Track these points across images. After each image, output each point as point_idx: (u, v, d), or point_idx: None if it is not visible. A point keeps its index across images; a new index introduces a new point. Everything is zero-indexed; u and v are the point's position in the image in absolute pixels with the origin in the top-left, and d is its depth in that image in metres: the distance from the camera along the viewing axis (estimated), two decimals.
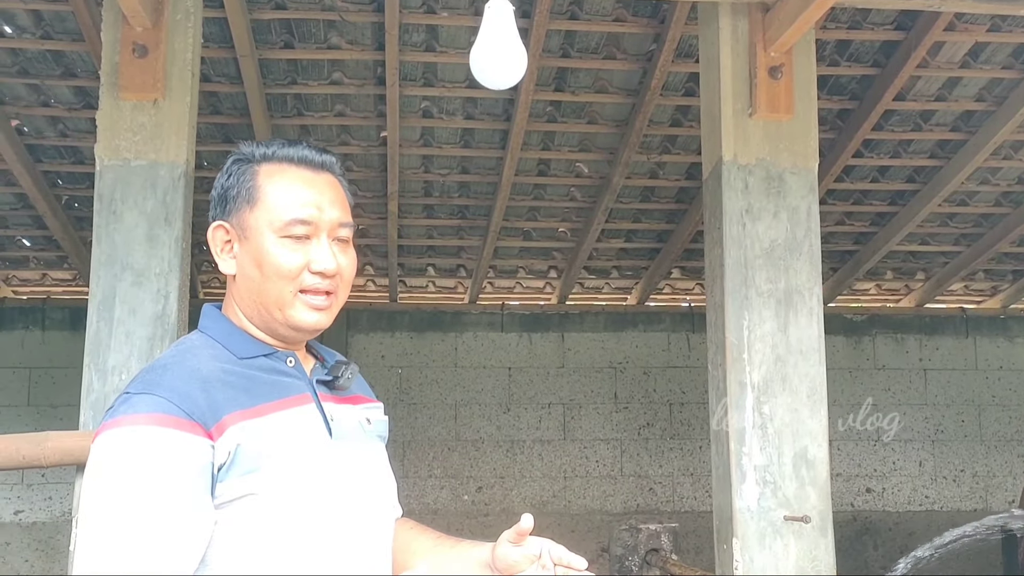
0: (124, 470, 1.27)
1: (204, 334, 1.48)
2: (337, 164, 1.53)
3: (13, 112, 5.37)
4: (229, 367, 1.41)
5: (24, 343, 7.14)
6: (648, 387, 7.60)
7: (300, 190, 1.46)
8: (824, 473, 3.52)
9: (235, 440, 1.33)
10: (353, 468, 1.46)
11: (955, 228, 6.80)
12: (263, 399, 1.40)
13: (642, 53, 5.15)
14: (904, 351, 7.78)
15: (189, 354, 1.42)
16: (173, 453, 1.28)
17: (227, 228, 1.48)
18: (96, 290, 3.42)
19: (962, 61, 5.11)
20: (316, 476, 1.39)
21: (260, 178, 1.47)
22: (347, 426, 1.49)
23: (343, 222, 1.48)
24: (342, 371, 1.52)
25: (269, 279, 1.44)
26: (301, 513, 1.36)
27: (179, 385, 1.34)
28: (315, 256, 1.44)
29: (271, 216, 1.44)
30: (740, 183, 3.66)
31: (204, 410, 1.32)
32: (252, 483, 1.33)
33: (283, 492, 1.35)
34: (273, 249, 1.43)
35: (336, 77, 5.25)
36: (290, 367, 1.49)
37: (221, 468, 1.32)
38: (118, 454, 1.28)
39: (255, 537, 1.34)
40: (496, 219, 6.37)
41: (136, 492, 1.26)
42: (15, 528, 7.03)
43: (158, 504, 1.26)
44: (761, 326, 3.58)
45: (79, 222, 6.36)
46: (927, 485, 7.68)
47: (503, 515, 7.27)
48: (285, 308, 1.44)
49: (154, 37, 3.54)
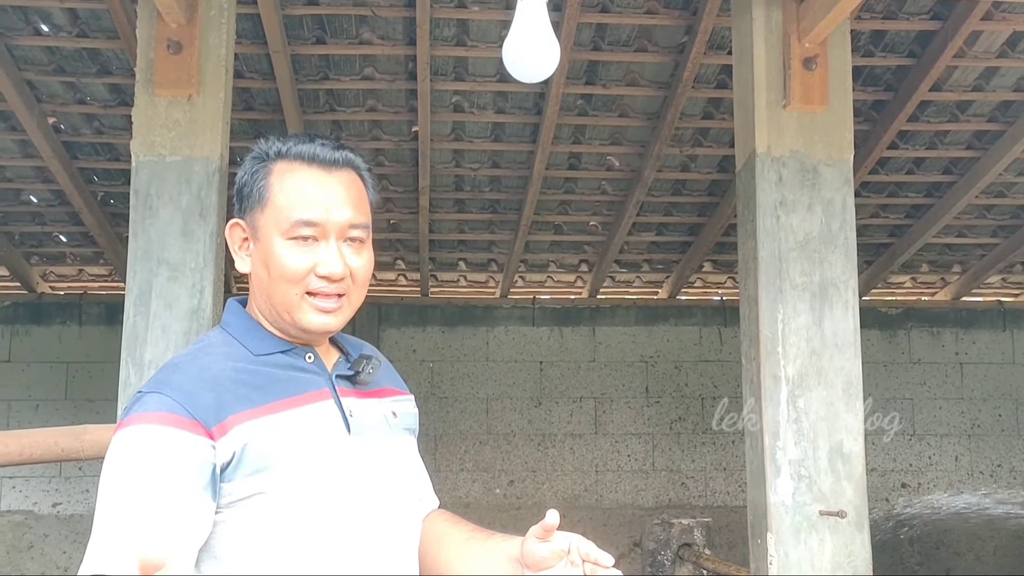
0: (125, 466, 1.31)
1: (224, 331, 1.48)
2: (356, 159, 1.49)
3: (50, 109, 5.44)
4: (243, 365, 1.41)
5: (61, 338, 7.24)
6: (680, 381, 7.57)
7: (308, 190, 1.43)
8: (860, 467, 3.49)
9: (241, 440, 1.34)
10: (372, 463, 1.45)
11: (992, 220, 6.71)
12: (276, 396, 1.39)
13: (674, 45, 5.12)
14: (940, 345, 7.69)
15: (202, 353, 1.43)
16: (171, 450, 1.31)
17: (243, 226, 1.48)
18: (132, 285, 3.46)
19: (1000, 51, 5.04)
20: (328, 472, 1.38)
21: (272, 177, 1.45)
22: (368, 420, 1.48)
23: (355, 223, 1.44)
24: (363, 366, 1.50)
25: (275, 281, 1.42)
26: (312, 510, 1.36)
27: (186, 385, 1.35)
28: (321, 259, 1.42)
29: (278, 217, 1.42)
30: (774, 175, 3.64)
31: (208, 410, 1.33)
32: (261, 482, 1.34)
33: (293, 489, 1.35)
34: (279, 251, 1.42)
35: (368, 72, 5.26)
36: (309, 363, 1.47)
37: (226, 468, 1.33)
38: (124, 451, 1.32)
39: (266, 534, 1.34)
40: (527, 213, 6.36)
41: (132, 485, 1.29)
42: (53, 520, 7.13)
43: (149, 495, 1.28)
44: (796, 319, 3.55)
45: (115, 218, 6.43)
46: (963, 480, 7.59)
47: (535, 509, 7.27)
48: (292, 311, 1.43)
49: (188, 34, 3.56)
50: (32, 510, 7.15)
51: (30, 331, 7.24)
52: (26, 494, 7.15)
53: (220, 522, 1.34)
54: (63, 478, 7.16)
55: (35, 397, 7.16)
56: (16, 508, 7.14)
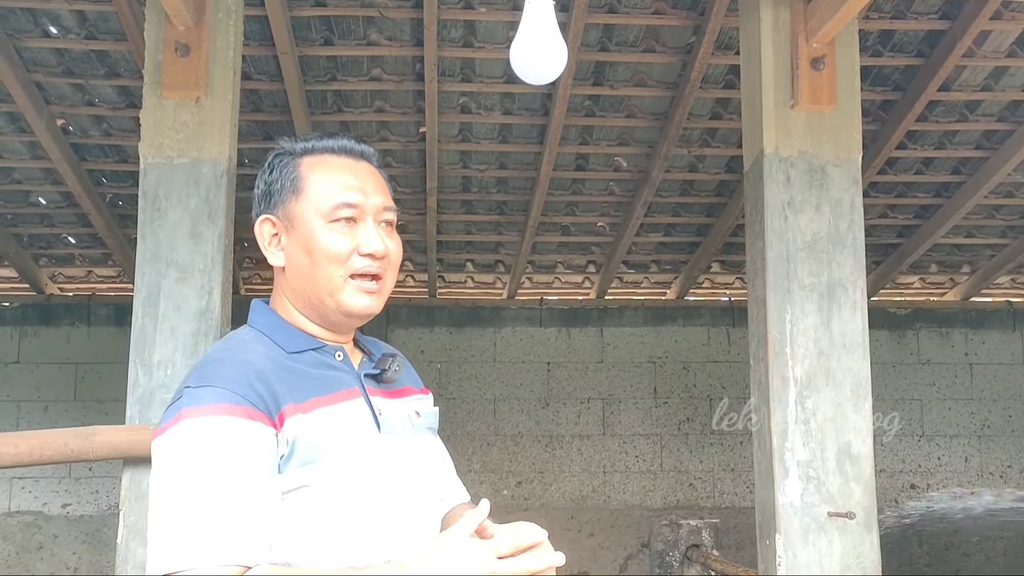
0: (195, 458, 1.29)
1: (254, 328, 1.50)
2: (375, 156, 1.57)
3: (59, 111, 5.45)
4: (280, 361, 1.43)
5: (70, 339, 7.26)
6: (688, 382, 7.56)
7: (344, 176, 1.49)
8: (868, 469, 3.48)
9: (294, 431, 1.36)
10: (400, 463, 1.47)
11: (1002, 220, 6.69)
12: (313, 393, 1.41)
13: (681, 46, 5.11)
14: (949, 345, 7.67)
15: (240, 348, 1.44)
16: (241, 438, 1.31)
17: (274, 221, 1.51)
18: (141, 286, 3.47)
19: (1009, 50, 5.02)
20: (366, 471, 1.40)
21: (303, 169, 1.50)
22: (395, 420, 1.51)
23: (387, 206, 1.51)
24: (389, 364, 1.53)
25: (319, 264, 1.46)
26: (350, 506, 1.37)
27: (237, 377, 1.36)
28: (363, 239, 1.47)
29: (318, 203, 1.47)
30: (782, 175, 3.63)
31: (266, 400, 1.35)
32: (308, 475, 1.35)
33: (335, 485, 1.37)
34: (322, 234, 1.46)
35: (375, 73, 5.27)
36: (338, 361, 1.50)
37: (283, 458, 1.35)
38: (187, 444, 1.31)
39: (306, 529, 1.36)
40: (534, 214, 6.36)
41: (207, 476, 1.28)
42: (63, 521, 7.16)
43: (229, 486, 1.28)
44: (804, 320, 3.54)
45: (123, 220, 6.44)
46: (973, 481, 7.57)
47: (542, 510, 7.27)
48: (336, 293, 1.46)
49: (196, 36, 3.57)
50: (42, 511, 7.17)
51: (39, 332, 7.26)
52: (36, 495, 7.17)
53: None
54: (73, 479, 7.18)
55: (44, 398, 7.19)
56: (26, 509, 7.16)
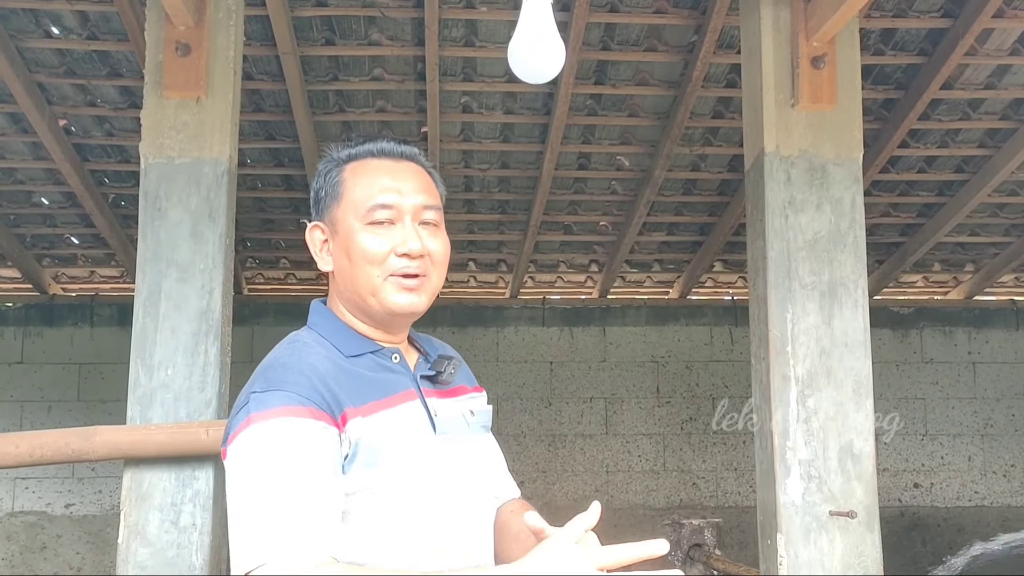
0: (267, 459, 1.32)
1: (313, 331, 1.53)
2: (421, 155, 1.59)
3: (61, 112, 5.46)
4: (339, 364, 1.46)
5: (73, 339, 7.27)
6: (691, 381, 7.55)
7: (380, 178, 1.52)
8: (870, 468, 3.48)
9: (357, 433, 1.39)
10: (456, 463, 1.49)
11: (1005, 218, 6.67)
12: (373, 397, 1.44)
13: (683, 45, 5.10)
14: (952, 344, 7.65)
15: (305, 351, 1.46)
16: (309, 437, 1.34)
17: (322, 228, 1.55)
18: (142, 286, 3.47)
19: (1012, 48, 5.00)
20: (423, 471, 1.43)
21: (346, 174, 1.54)
22: (450, 420, 1.53)
23: (428, 205, 1.53)
24: (445, 366, 1.56)
25: (358, 266, 1.48)
26: (411, 507, 1.40)
27: (303, 380, 1.39)
28: (400, 239, 1.48)
29: (356, 206, 1.50)
30: (783, 175, 3.62)
31: (330, 403, 1.38)
32: (371, 477, 1.38)
33: (396, 487, 1.39)
34: (359, 236, 1.48)
35: (377, 73, 5.27)
36: (395, 363, 1.53)
37: (346, 459, 1.38)
38: (259, 447, 1.34)
39: (369, 530, 1.38)
40: (537, 213, 6.36)
41: (280, 476, 1.31)
42: (66, 521, 7.17)
43: (300, 484, 1.31)
44: (805, 319, 3.54)
45: (126, 220, 6.45)
46: (976, 480, 7.56)
47: (545, 509, 7.22)
48: (377, 292, 1.49)
49: (197, 36, 3.57)
50: (45, 511, 7.18)
51: (42, 332, 7.27)
52: (39, 495, 7.19)
53: None
54: (76, 479, 7.19)
55: (47, 398, 7.20)
56: (29, 509, 7.17)
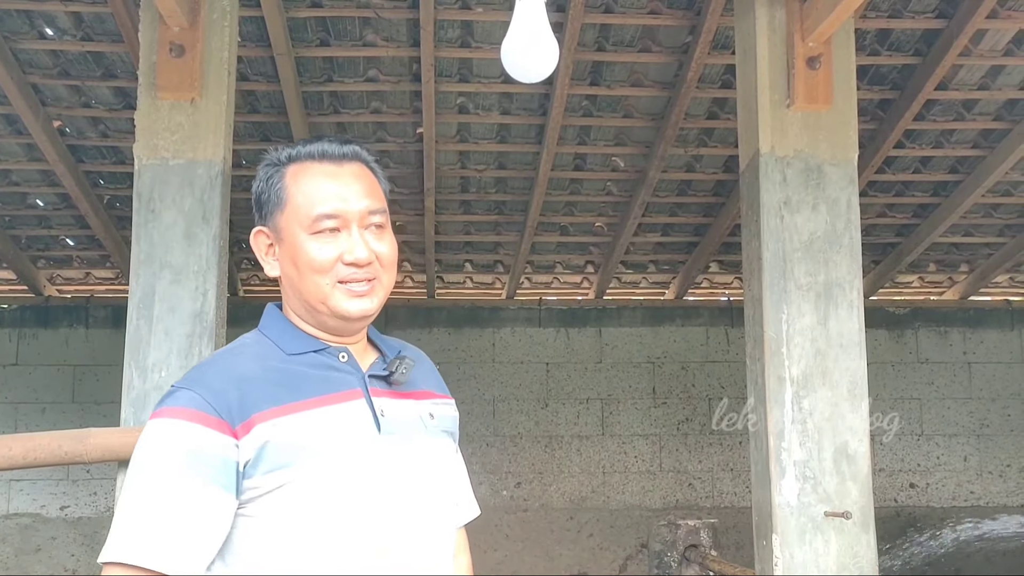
0: (151, 458, 1.38)
1: (260, 332, 1.54)
2: (363, 152, 1.55)
3: (55, 113, 5.45)
4: (274, 364, 1.46)
5: (68, 341, 7.26)
6: (687, 382, 7.55)
7: (324, 185, 1.49)
8: (865, 468, 3.47)
9: (263, 438, 1.38)
10: (402, 462, 1.47)
11: (999, 219, 6.68)
12: (306, 395, 1.43)
13: (678, 45, 5.10)
14: (948, 344, 7.66)
15: (233, 353, 1.49)
16: (195, 446, 1.36)
17: (266, 232, 1.53)
18: (135, 288, 3.45)
19: (1005, 49, 5.01)
20: (353, 469, 1.41)
21: (287, 179, 1.51)
22: (402, 421, 1.50)
23: (373, 209, 1.50)
24: (397, 366, 1.53)
25: (305, 275, 1.47)
26: (334, 505, 1.38)
27: (215, 383, 1.40)
28: (347, 247, 1.47)
29: (299, 215, 1.48)
30: (778, 175, 3.62)
31: (232, 409, 1.38)
32: (282, 477, 1.37)
33: (315, 484, 1.38)
34: (305, 246, 1.47)
35: (372, 74, 5.26)
36: (342, 362, 1.51)
37: (247, 465, 1.37)
38: (151, 443, 1.39)
39: (285, 529, 1.37)
40: (533, 214, 6.35)
41: (155, 478, 1.35)
42: (61, 523, 7.15)
43: (169, 490, 1.34)
44: (800, 320, 3.53)
45: (120, 221, 6.44)
46: (972, 480, 7.56)
47: (542, 511, 7.27)
48: (327, 300, 1.48)
49: (191, 37, 3.56)
50: (40, 513, 7.16)
51: (37, 334, 7.26)
52: (33, 497, 7.17)
53: (241, 516, 1.38)
54: (70, 481, 7.17)
55: (42, 400, 7.18)
56: (24, 511, 7.16)
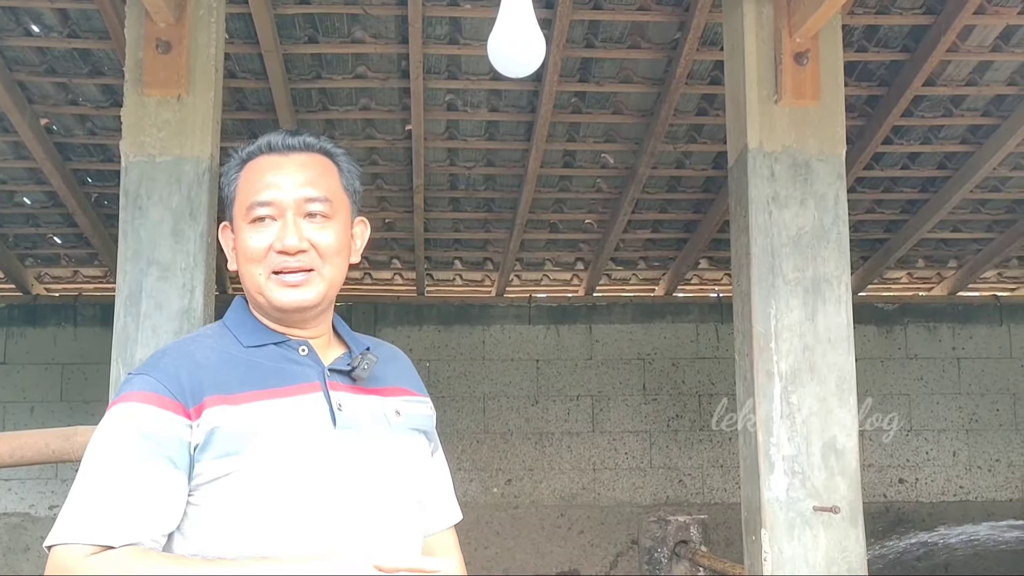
0: (106, 441, 1.40)
1: (222, 324, 1.55)
2: (319, 142, 1.54)
3: (42, 111, 5.42)
4: (230, 354, 1.47)
5: (56, 340, 7.23)
6: (677, 378, 7.56)
7: (264, 175, 1.50)
8: (854, 463, 3.48)
9: (213, 423, 1.39)
10: (359, 457, 1.46)
11: (987, 214, 6.70)
12: (259, 386, 1.44)
13: (667, 42, 5.10)
14: (937, 340, 7.68)
15: (191, 341, 1.51)
16: (150, 427, 1.38)
17: (229, 227, 1.56)
18: (123, 285, 3.45)
19: (993, 45, 5.02)
20: (303, 460, 1.41)
21: (241, 174, 1.53)
22: (362, 416, 1.49)
23: (311, 197, 1.49)
24: (359, 361, 1.52)
25: (243, 265, 1.50)
26: (281, 494, 1.39)
27: (170, 368, 1.42)
28: (278, 235, 1.47)
29: (240, 206, 1.51)
30: (766, 171, 3.62)
31: (187, 392, 1.40)
32: (230, 464, 1.39)
33: (262, 473, 1.39)
34: (242, 235, 1.49)
35: (360, 71, 5.25)
36: (302, 355, 1.50)
37: (197, 448, 1.39)
38: (106, 427, 1.41)
39: (231, 515, 1.39)
40: (522, 211, 6.35)
41: (108, 459, 1.38)
42: (49, 522, 7.00)
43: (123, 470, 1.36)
44: (788, 315, 3.54)
45: (108, 219, 6.41)
46: (961, 475, 7.59)
47: (532, 508, 7.26)
48: (262, 290, 1.49)
49: (177, 33, 3.55)
50: (28, 512, 7.14)
51: (25, 333, 7.23)
52: (22, 496, 7.14)
53: (189, 504, 1.40)
54: (59, 480, 7.14)
55: (30, 399, 7.15)
56: (12, 510, 7.13)
